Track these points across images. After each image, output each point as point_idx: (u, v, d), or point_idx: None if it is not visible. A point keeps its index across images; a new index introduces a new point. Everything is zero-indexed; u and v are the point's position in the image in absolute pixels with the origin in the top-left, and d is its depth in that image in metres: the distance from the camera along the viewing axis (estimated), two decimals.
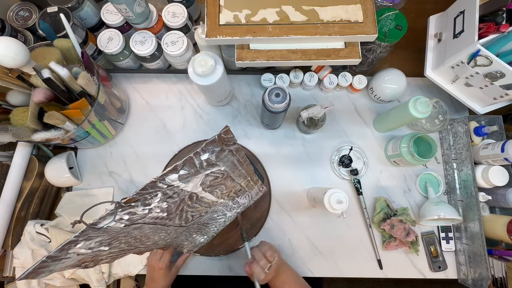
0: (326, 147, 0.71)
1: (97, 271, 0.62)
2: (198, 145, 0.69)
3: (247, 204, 0.58)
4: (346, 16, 0.52)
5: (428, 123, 0.69)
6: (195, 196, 0.42)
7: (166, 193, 0.37)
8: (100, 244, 0.38)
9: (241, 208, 0.58)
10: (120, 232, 0.38)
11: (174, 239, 0.50)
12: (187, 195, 0.41)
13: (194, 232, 0.52)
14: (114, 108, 0.65)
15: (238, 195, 0.52)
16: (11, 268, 0.63)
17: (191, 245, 0.56)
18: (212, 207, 0.49)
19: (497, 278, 0.66)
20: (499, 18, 0.55)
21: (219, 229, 0.58)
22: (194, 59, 0.54)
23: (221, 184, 0.44)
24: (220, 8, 0.53)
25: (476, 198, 0.62)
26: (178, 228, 0.47)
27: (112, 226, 0.35)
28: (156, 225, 0.42)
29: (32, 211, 0.64)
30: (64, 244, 0.33)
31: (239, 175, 0.46)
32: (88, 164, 0.70)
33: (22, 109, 0.54)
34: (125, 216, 0.37)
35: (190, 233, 0.52)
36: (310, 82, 0.69)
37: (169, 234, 0.47)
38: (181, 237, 0.51)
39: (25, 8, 0.62)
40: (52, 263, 0.34)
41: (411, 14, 0.67)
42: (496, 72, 0.53)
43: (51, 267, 0.35)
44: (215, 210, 0.50)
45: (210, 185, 0.42)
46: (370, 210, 0.68)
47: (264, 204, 0.67)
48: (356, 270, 0.66)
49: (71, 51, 0.56)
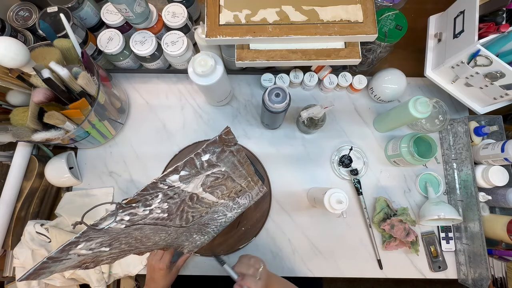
0: (326, 147, 0.71)
1: (97, 271, 0.62)
2: (199, 145, 0.69)
3: (247, 204, 0.58)
4: (346, 16, 0.52)
5: (428, 123, 0.69)
6: (196, 196, 0.42)
7: (167, 194, 0.37)
8: (100, 245, 0.38)
9: (242, 208, 0.58)
10: (120, 233, 0.38)
11: (174, 240, 0.50)
12: (187, 196, 0.41)
13: (195, 232, 0.52)
14: (114, 108, 0.65)
15: (239, 196, 0.52)
16: (11, 268, 0.63)
17: (192, 245, 0.56)
18: (213, 208, 0.49)
19: (497, 278, 0.66)
20: (499, 18, 0.55)
21: (219, 229, 0.58)
22: (194, 59, 0.54)
23: (221, 184, 0.44)
24: (220, 8, 0.53)
25: (476, 198, 0.62)
26: (179, 228, 0.47)
27: (113, 227, 0.35)
28: (156, 226, 0.42)
29: (32, 211, 0.64)
30: (65, 245, 0.33)
31: (239, 175, 0.46)
32: (88, 164, 0.70)
33: (22, 109, 0.54)
34: (126, 217, 0.37)
35: (190, 233, 0.52)
36: (310, 82, 0.69)
37: (170, 235, 0.47)
38: (182, 238, 0.51)
39: (25, 8, 0.62)
40: (53, 264, 0.34)
41: (411, 14, 0.67)
42: (496, 72, 0.53)
43: (51, 268, 0.35)
44: (216, 210, 0.50)
45: (211, 185, 0.42)
46: (370, 210, 0.68)
47: (265, 204, 0.67)
48: (356, 270, 0.66)
49: (71, 51, 0.56)
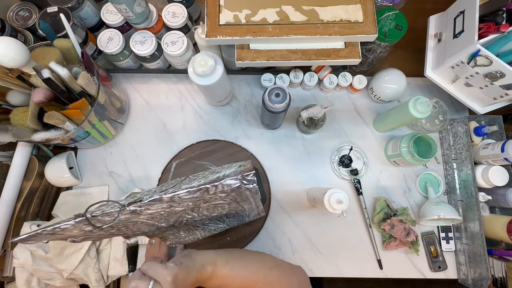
0: (326, 147, 0.71)
1: (95, 270, 0.62)
2: (199, 145, 0.69)
3: (240, 223, 0.58)
4: (346, 16, 0.52)
5: (428, 123, 0.69)
6: (197, 208, 0.42)
7: (171, 205, 0.37)
8: (94, 228, 0.38)
9: (235, 224, 0.57)
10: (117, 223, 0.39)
11: (162, 232, 0.50)
12: (189, 207, 0.41)
13: (182, 230, 0.52)
14: (114, 108, 0.65)
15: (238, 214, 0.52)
16: (11, 268, 0.63)
17: (175, 240, 0.56)
18: (209, 217, 0.49)
19: (497, 278, 0.66)
20: (499, 18, 0.55)
21: (206, 235, 0.57)
22: (194, 59, 0.54)
23: (224, 205, 0.44)
24: (220, 8, 0.53)
25: (476, 198, 0.62)
26: (170, 226, 0.47)
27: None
28: (152, 221, 0.42)
29: (32, 211, 0.64)
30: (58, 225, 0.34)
31: (245, 202, 0.46)
32: (88, 164, 0.70)
33: (22, 109, 0.54)
34: (125, 216, 0.37)
35: (178, 230, 0.52)
36: (310, 82, 0.69)
37: (159, 228, 0.47)
38: (169, 232, 0.51)
39: (25, 8, 0.62)
40: (45, 236, 0.37)
41: (411, 14, 0.67)
42: (496, 72, 0.53)
43: (42, 238, 0.38)
44: (210, 218, 0.50)
45: (215, 204, 0.43)
46: (370, 210, 0.68)
47: (258, 223, 0.66)
48: (356, 270, 0.66)
49: (71, 51, 0.56)
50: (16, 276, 0.61)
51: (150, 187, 0.68)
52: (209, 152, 0.69)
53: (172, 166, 0.68)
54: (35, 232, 0.35)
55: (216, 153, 0.69)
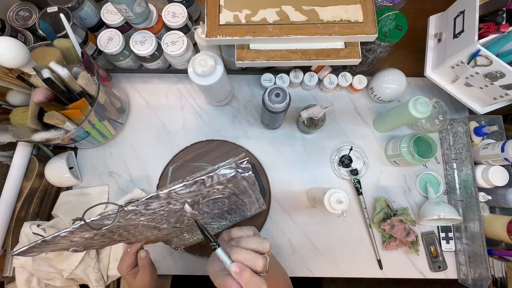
0: (326, 147, 0.71)
1: (95, 270, 0.62)
2: (200, 146, 0.69)
3: (242, 219, 0.58)
4: (346, 16, 0.52)
5: (428, 123, 0.69)
6: (197, 205, 0.43)
7: (169, 202, 0.37)
8: (95, 235, 0.38)
9: (238, 220, 0.57)
10: (117, 227, 0.39)
11: (165, 235, 0.50)
12: (189, 204, 0.41)
13: (185, 231, 0.52)
14: (114, 108, 0.65)
15: (238, 209, 0.52)
16: (11, 268, 0.63)
17: (180, 242, 0.56)
18: (210, 214, 0.49)
19: (497, 278, 0.66)
20: (499, 18, 0.55)
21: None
22: (194, 59, 0.54)
23: (224, 199, 0.45)
24: (220, 8, 0.53)
25: (476, 198, 0.62)
26: (172, 228, 0.47)
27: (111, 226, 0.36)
28: (152, 223, 0.42)
29: (32, 211, 0.64)
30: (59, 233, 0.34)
31: (244, 194, 0.46)
32: (88, 164, 0.70)
33: (22, 109, 0.54)
34: (125, 218, 0.37)
35: (181, 231, 0.52)
36: (310, 82, 0.69)
37: (161, 231, 0.47)
38: (172, 234, 0.51)
39: (25, 8, 0.62)
40: (45, 246, 0.37)
41: (411, 14, 0.67)
42: (496, 72, 0.53)
43: (43, 249, 0.38)
44: (212, 216, 0.50)
45: (214, 199, 0.43)
46: (370, 210, 0.68)
47: (260, 217, 0.66)
48: (356, 270, 0.66)
49: (71, 51, 0.56)
50: (16, 276, 0.61)
51: (150, 187, 0.68)
52: (204, 152, 0.69)
53: (169, 171, 0.68)
54: (35, 243, 0.35)
55: (212, 153, 0.69)
